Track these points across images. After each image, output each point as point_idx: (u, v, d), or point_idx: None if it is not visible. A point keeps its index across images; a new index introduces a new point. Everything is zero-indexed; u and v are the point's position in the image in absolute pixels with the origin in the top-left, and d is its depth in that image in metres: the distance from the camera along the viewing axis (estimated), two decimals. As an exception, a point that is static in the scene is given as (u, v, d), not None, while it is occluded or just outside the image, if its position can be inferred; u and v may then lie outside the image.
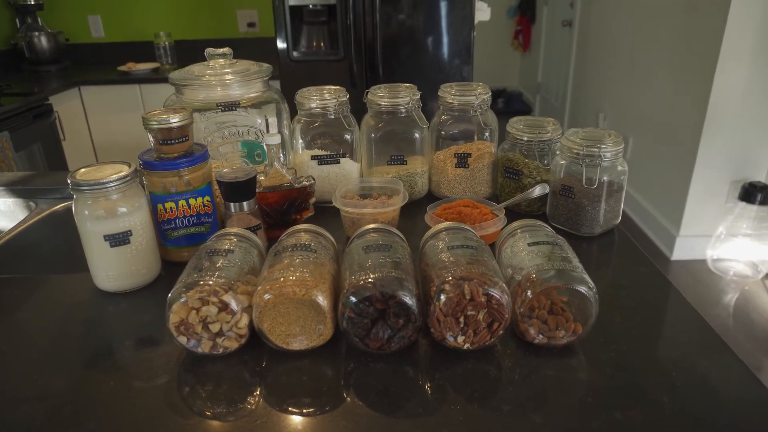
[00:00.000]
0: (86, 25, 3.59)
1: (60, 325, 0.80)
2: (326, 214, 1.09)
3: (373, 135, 1.14)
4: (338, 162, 1.14)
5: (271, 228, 1.01)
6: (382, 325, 0.67)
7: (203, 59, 1.11)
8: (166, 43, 3.41)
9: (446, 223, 0.81)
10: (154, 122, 0.87)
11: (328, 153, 1.13)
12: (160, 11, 3.56)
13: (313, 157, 1.13)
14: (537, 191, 1.04)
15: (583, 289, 0.67)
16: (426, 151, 1.18)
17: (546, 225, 0.84)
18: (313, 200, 1.05)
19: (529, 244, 0.75)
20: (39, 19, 3.42)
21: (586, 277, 0.69)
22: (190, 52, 3.48)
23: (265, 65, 1.13)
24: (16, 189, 1.32)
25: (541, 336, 0.69)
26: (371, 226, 0.81)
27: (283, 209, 1.01)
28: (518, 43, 5.94)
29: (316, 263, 0.71)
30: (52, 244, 1.23)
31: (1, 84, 2.77)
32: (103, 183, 0.80)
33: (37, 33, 3.33)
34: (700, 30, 2.64)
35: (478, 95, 1.12)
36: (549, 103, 5.27)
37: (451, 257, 0.71)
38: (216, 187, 0.95)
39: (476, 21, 2.69)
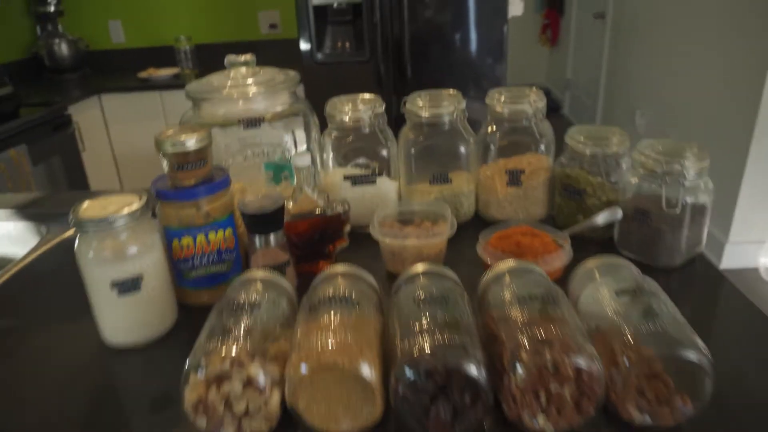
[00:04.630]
0: (107, 30, 3.54)
1: (60, 394, 0.69)
2: (362, 241, 0.96)
3: (412, 150, 1.02)
4: (374, 182, 1.01)
5: (300, 261, 0.89)
6: (443, 403, 0.54)
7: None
8: (187, 47, 3.33)
9: (509, 263, 0.69)
10: (168, 145, 0.76)
11: (363, 172, 1.01)
12: (180, 14, 3.49)
13: (346, 177, 1.01)
14: (607, 217, 0.90)
15: (696, 357, 0.53)
16: (472, 167, 1.05)
17: (625, 261, 0.71)
18: (347, 228, 0.93)
19: (617, 293, 0.62)
20: (59, 26, 3.37)
21: (698, 340, 0.55)
22: (211, 56, 3.40)
23: (292, 73, 1.01)
24: (27, 212, 1.23)
25: (644, 415, 0.56)
26: (420, 268, 0.69)
27: (314, 240, 0.89)
28: (546, 37, 5.74)
29: (359, 320, 0.59)
30: (65, 273, 1.13)
31: (20, 94, 2.71)
32: (110, 221, 0.69)
33: (57, 40, 3.28)
34: (753, 18, 2.45)
35: (533, 103, 0.99)
36: (580, 101, 5.07)
37: (524, 313, 0.58)
38: (238, 214, 0.83)
39: (509, 16, 2.55)
